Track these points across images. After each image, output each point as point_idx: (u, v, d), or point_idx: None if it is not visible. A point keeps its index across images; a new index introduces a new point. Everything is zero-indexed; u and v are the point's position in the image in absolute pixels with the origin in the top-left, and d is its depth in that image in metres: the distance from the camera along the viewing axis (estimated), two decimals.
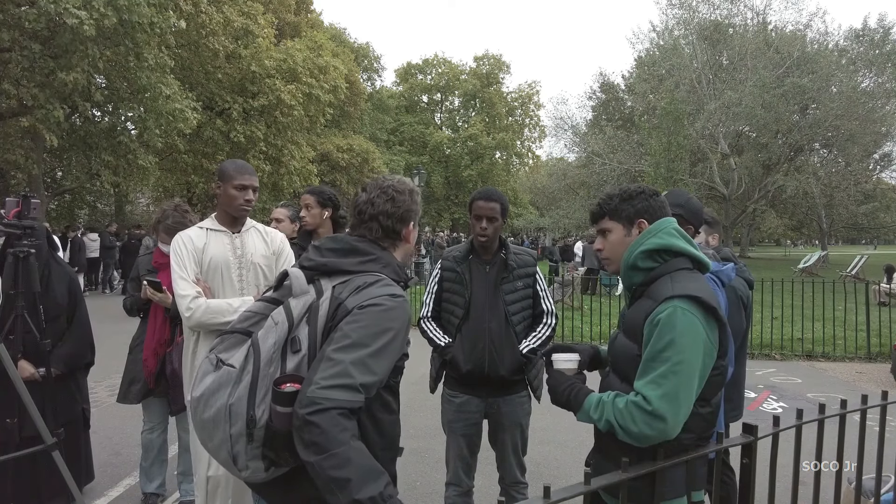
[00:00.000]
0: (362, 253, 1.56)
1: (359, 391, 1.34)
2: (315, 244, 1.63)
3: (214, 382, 1.43)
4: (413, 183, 1.74)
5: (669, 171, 21.55)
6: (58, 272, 3.19)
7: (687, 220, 2.35)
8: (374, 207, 1.62)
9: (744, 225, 34.25)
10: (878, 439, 2.11)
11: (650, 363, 1.55)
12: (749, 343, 6.09)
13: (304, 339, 1.43)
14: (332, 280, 1.51)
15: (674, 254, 1.68)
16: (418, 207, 1.71)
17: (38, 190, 15.58)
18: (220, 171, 2.66)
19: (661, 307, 1.56)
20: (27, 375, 2.87)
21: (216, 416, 1.40)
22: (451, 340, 2.73)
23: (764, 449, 1.74)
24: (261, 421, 1.37)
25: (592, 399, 1.64)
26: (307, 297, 1.49)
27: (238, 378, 1.41)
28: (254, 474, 1.42)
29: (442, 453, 2.94)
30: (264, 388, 1.38)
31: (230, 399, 1.39)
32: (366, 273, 1.51)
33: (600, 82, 34.23)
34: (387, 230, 1.62)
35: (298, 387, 1.35)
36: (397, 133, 40.73)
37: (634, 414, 1.51)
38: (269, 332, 1.44)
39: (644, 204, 1.73)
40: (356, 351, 1.36)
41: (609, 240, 1.77)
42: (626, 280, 1.75)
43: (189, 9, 15.97)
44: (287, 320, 1.45)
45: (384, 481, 1.32)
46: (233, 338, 1.50)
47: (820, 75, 22.81)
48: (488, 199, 2.70)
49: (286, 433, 1.35)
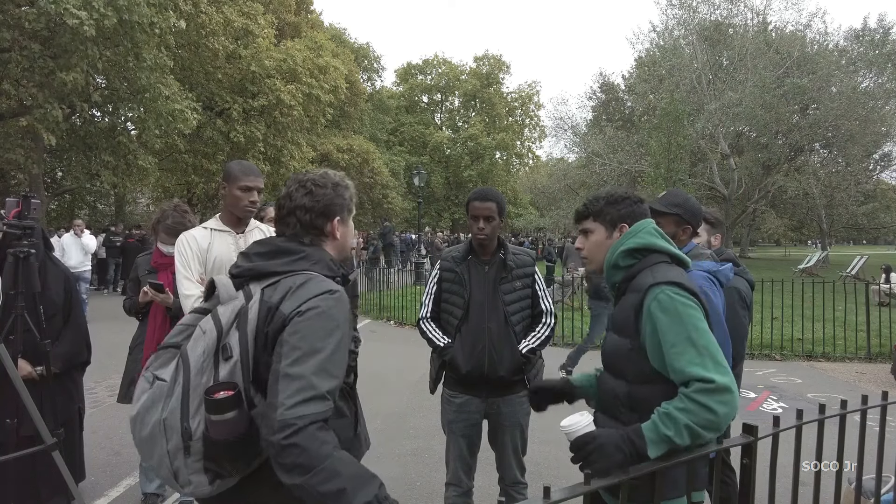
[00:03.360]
0: (289, 252, 1.50)
1: (326, 399, 1.31)
2: (243, 250, 1.58)
3: (148, 399, 1.38)
4: (342, 177, 1.65)
5: (669, 171, 21.55)
6: (53, 272, 3.20)
7: (685, 220, 2.35)
8: (292, 201, 1.55)
9: (744, 225, 34.25)
10: (878, 439, 2.11)
11: (675, 348, 1.58)
12: (749, 343, 6.10)
13: (235, 345, 1.37)
14: (261, 283, 1.46)
15: (653, 251, 1.77)
16: (346, 202, 1.62)
17: (38, 190, 15.59)
18: (225, 172, 2.68)
19: (649, 295, 1.64)
20: (25, 374, 2.87)
21: (152, 433, 1.36)
22: (451, 341, 2.73)
23: (764, 449, 1.74)
24: (197, 433, 1.32)
25: (649, 426, 1.54)
26: (235, 302, 1.43)
27: (170, 391, 1.36)
28: (198, 489, 1.37)
29: (442, 453, 2.94)
30: (197, 398, 1.33)
31: (163, 414, 1.35)
32: (295, 273, 1.45)
33: (600, 82, 34.31)
34: (305, 225, 1.55)
35: (231, 393, 1.30)
36: (397, 133, 40.76)
37: (705, 400, 1.50)
38: (198, 342, 1.39)
39: (628, 210, 1.82)
40: (311, 359, 1.31)
41: (591, 240, 1.86)
42: (609, 278, 1.83)
43: (189, 9, 15.97)
44: (215, 328, 1.39)
45: (377, 484, 1.29)
46: (166, 353, 1.46)
47: (820, 75, 22.83)
48: (484, 199, 2.69)
49: (226, 443, 1.31)
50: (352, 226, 1.68)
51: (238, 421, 1.31)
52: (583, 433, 1.51)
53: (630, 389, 1.72)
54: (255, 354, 1.38)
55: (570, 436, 1.51)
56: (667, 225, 2.34)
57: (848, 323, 8.77)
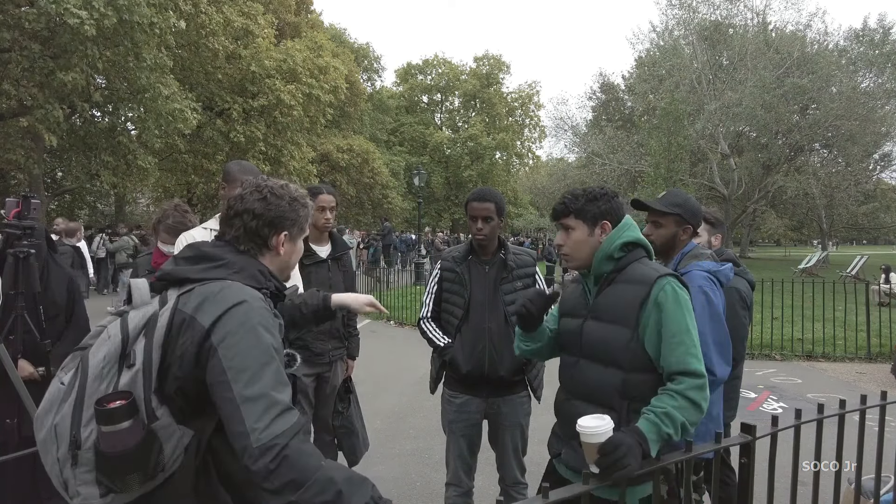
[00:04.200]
0: (210, 258, 1.42)
1: (292, 408, 1.27)
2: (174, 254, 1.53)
3: (47, 401, 1.32)
4: (303, 195, 1.57)
5: (669, 171, 21.54)
6: (56, 272, 3.19)
7: (686, 220, 2.36)
8: (243, 203, 1.48)
9: (744, 225, 34.24)
10: (878, 439, 2.12)
11: (675, 338, 1.69)
12: (749, 343, 6.09)
13: (140, 353, 1.29)
14: (179, 290, 1.38)
15: (639, 245, 1.89)
16: (299, 219, 1.54)
17: (38, 190, 15.59)
18: (224, 173, 2.67)
19: (657, 287, 1.75)
20: (26, 375, 2.87)
21: (46, 438, 1.29)
22: (451, 341, 2.73)
23: (764, 449, 1.74)
24: (87, 442, 1.25)
25: (650, 427, 1.57)
26: (148, 308, 1.36)
27: (66, 396, 1.29)
28: (86, 501, 1.28)
29: (442, 453, 2.94)
30: (91, 406, 1.25)
31: (55, 419, 1.28)
32: (210, 280, 1.37)
33: (600, 82, 34.27)
34: (250, 231, 1.47)
35: (124, 403, 1.22)
36: (397, 133, 40.74)
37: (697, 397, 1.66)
38: (101, 347, 1.32)
39: (607, 206, 1.88)
40: (263, 375, 1.26)
41: (572, 237, 1.89)
42: (599, 269, 1.88)
43: (189, 9, 15.96)
44: (121, 333, 1.32)
45: (369, 485, 1.27)
46: (78, 354, 1.39)
47: (820, 75, 22.80)
48: (482, 199, 2.69)
49: (118, 456, 1.22)
50: (300, 246, 1.60)
51: (132, 432, 1.23)
52: (607, 438, 1.48)
53: (626, 377, 1.75)
54: (162, 365, 1.29)
55: (591, 438, 1.48)
56: (668, 225, 2.35)
57: (848, 323, 8.77)
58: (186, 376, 1.29)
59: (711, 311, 2.14)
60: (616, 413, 1.71)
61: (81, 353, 1.37)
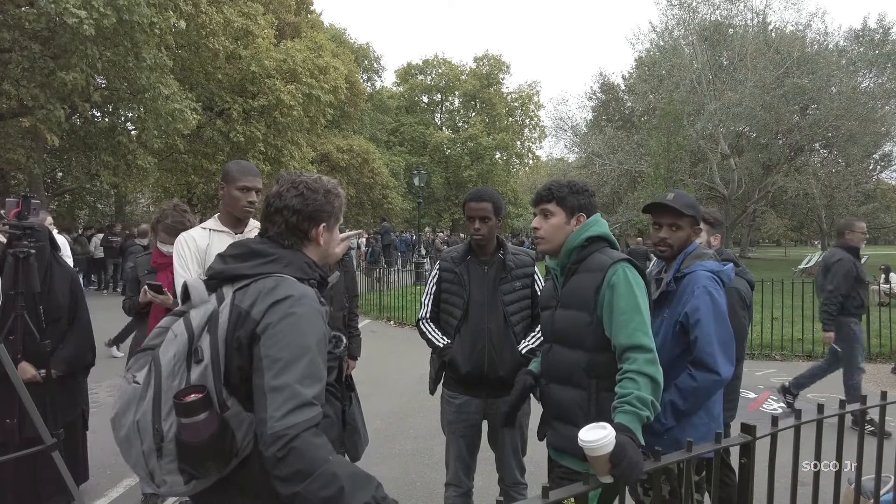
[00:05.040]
0: (260, 255, 1.51)
1: (314, 404, 1.32)
2: (220, 252, 1.59)
3: (124, 401, 1.41)
4: (335, 185, 1.66)
5: (669, 171, 21.55)
6: (59, 273, 3.19)
7: (697, 221, 2.36)
8: (282, 201, 1.55)
9: (744, 225, 34.23)
10: (878, 439, 2.11)
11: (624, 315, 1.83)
12: (749, 343, 6.09)
13: (207, 349, 1.38)
14: (233, 286, 1.46)
15: (602, 239, 2.04)
16: (335, 210, 1.62)
17: (38, 190, 15.59)
18: (223, 173, 2.69)
19: (611, 271, 1.90)
20: (28, 377, 2.87)
21: (128, 435, 1.39)
22: (450, 341, 2.73)
23: (764, 449, 1.74)
24: (168, 435, 1.34)
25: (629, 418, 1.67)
26: (207, 306, 1.45)
27: (143, 394, 1.39)
28: (174, 488, 1.40)
29: (442, 454, 2.94)
30: (169, 401, 1.35)
31: (136, 416, 1.38)
32: (265, 276, 1.45)
33: (600, 83, 34.27)
34: (291, 227, 1.55)
35: (201, 396, 1.32)
36: (397, 133, 40.74)
37: (652, 371, 1.75)
38: (169, 345, 1.41)
39: (587, 200, 2.05)
40: (292, 368, 1.32)
41: (550, 222, 2.06)
42: (565, 259, 2.05)
43: (189, 9, 15.96)
44: (186, 331, 1.41)
45: (374, 484, 1.30)
46: (144, 355, 1.47)
47: (820, 76, 22.80)
48: (479, 199, 2.69)
49: (198, 445, 1.32)
50: (337, 234, 1.68)
51: (209, 422, 1.32)
52: (612, 448, 1.47)
53: (590, 357, 1.93)
54: (227, 358, 1.38)
55: (597, 451, 1.47)
56: (685, 227, 2.34)
57: None
58: (245, 366, 1.38)
59: (716, 311, 2.14)
60: (586, 391, 1.90)
61: (151, 352, 1.46)
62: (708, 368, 2.06)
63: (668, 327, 2.21)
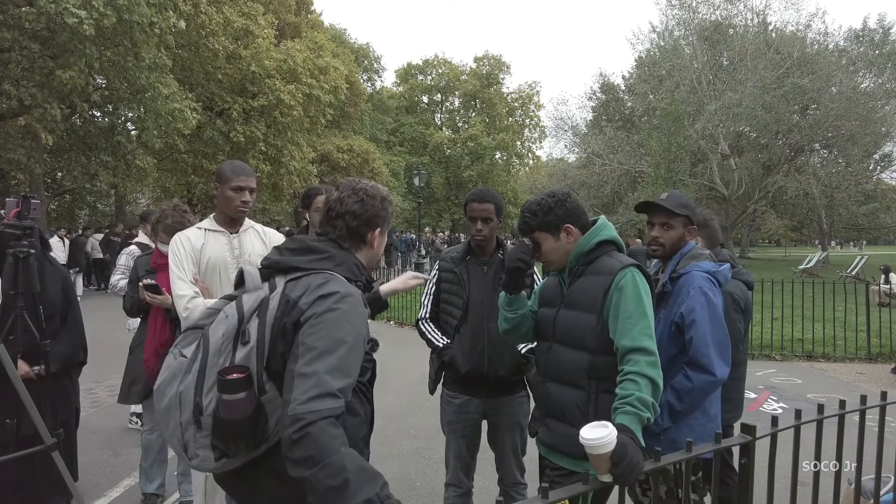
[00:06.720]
0: (316, 251, 1.58)
1: (338, 397, 1.35)
2: (277, 245, 1.67)
3: (169, 373, 1.50)
4: (388, 192, 1.76)
5: (669, 171, 21.53)
6: (51, 272, 3.19)
7: (691, 220, 2.37)
8: (343, 206, 1.64)
9: (744, 225, 34.22)
10: (878, 440, 2.11)
11: (631, 319, 1.85)
12: (749, 344, 6.08)
13: (254, 332, 1.45)
14: (286, 277, 1.54)
15: (611, 243, 2.06)
16: (388, 216, 1.72)
17: (38, 190, 15.59)
18: (217, 173, 2.69)
19: (620, 275, 1.92)
20: (23, 374, 2.87)
21: (169, 405, 1.47)
22: (450, 341, 2.73)
23: (764, 449, 1.74)
24: (208, 409, 1.41)
25: (630, 420, 1.67)
26: (260, 292, 1.53)
27: (189, 368, 1.47)
28: (203, 463, 1.46)
29: (442, 454, 2.94)
30: (212, 377, 1.42)
31: (180, 387, 1.45)
32: (317, 272, 1.53)
33: (600, 83, 34.21)
34: (351, 231, 1.64)
35: (243, 375, 1.38)
36: (397, 133, 40.73)
37: (653, 374, 1.76)
38: (220, 325, 1.49)
39: (563, 211, 2.03)
40: (325, 359, 1.37)
41: (543, 248, 2.06)
42: (573, 262, 2.06)
43: (189, 9, 15.95)
44: (237, 313, 1.49)
45: (380, 482, 1.31)
46: (193, 333, 1.56)
47: (820, 76, 22.78)
48: (482, 200, 2.70)
49: (233, 422, 1.39)
50: (385, 237, 1.77)
51: (247, 402, 1.39)
52: (614, 447, 1.47)
53: (593, 359, 1.93)
54: (272, 343, 1.44)
55: (599, 449, 1.46)
56: (677, 226, 2.34)
57: (848, 323, 8.76)
58: (287, 353, 1.43)
59: (711, 312, 2.14)
60: (585, 392, 1.92)
61: (200, 331, 1.54)
62: (703, 369, 2.06)
63: (664, 328, 2.21)
